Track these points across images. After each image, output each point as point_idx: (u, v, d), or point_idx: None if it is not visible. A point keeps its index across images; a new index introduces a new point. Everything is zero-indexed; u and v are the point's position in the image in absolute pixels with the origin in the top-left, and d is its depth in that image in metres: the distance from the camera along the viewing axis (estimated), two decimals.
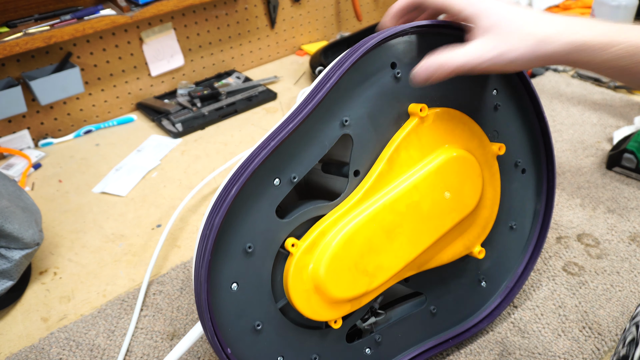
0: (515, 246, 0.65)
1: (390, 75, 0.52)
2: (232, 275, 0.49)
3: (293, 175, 0.50)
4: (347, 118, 0.51)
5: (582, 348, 0.63)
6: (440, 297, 0.61)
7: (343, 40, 1.38)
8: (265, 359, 0.52)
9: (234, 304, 0.49)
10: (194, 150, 1.07)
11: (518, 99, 0.60)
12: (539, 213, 0.65)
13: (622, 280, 0.71)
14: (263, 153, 0.47)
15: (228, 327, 0.49)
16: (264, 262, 0.50)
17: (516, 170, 0.63)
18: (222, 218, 0.46)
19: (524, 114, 0.61)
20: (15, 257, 0.71)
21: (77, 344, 0.67)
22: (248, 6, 1.32)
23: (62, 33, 1.00)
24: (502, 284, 0.66)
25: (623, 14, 1.16)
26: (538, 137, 0.63)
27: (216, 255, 0.48)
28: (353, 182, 0.52)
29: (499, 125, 0.60)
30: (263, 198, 0.49)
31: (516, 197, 0.63)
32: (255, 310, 0.51)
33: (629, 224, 0.81)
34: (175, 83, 1.27)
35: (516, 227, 0.64)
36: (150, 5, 1.08)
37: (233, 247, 0.49)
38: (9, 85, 1.00)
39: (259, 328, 0.51)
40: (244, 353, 0.50)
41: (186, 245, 0.83)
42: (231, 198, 0.46)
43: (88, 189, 0.97)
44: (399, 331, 0.60)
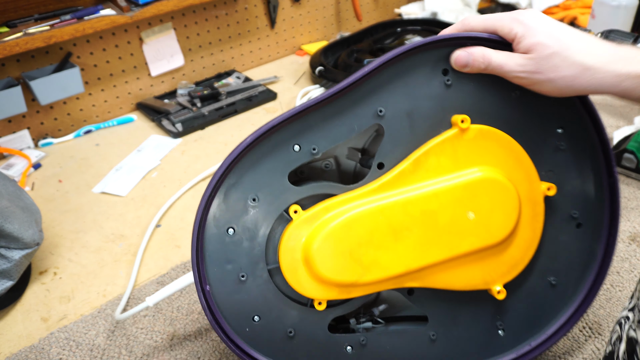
0: (551, 305, 0.58)
1: (441, 81, 0.51)
2: (231, 220, 0.50)
3: (313, 146, 0.51)
4: (382, 109, 0.51)
5: (582, 348, 0.63)
6: (444, 326, 0.56)
7: (343, 40, 1.38)
8: (241, 312, 0.52)
9: (226, 248, 0.51)
10: (194, 150, 1.07)
11: (587, 147, 0.54)
12: (589, 274, 0.57)
13: (622, 280, 0.71)
14: (287, 114, 0.49)
15: (215, 266, 0.50)
16: (265, 218, 0.51)
17: (570, 223, 0.56)
18: (232, 159, 0.48)
19: (590, 164, 0.55)
20: (15, 257, 0.71)
21: (77, 344, 0.67)
22: (248, 6, 1.32)
23: (62, 33, 1.00)
24: (524, 340, 0.58)
25: (623, 14, 1.16)
26: (605, 195, 0.56)
27: (220, 194, 0.50)
28: (374, 174, 0.52)
29: (556, 167, 0.54)
30: (279, 158, 0.50)
31: (564, 252, 0.56)
32: (244, 261, 0.51)
33: (629, 224, 0.81)
34: (175, 83, 1.27)
35: (556, 284, 0.57)
36: (150, 5, 1.08)
37: (239, 192, 0.50)
38: (9, 85, 1.00)
39: (243, 279, 0.51)
40: (222, 298, 0.51)
41: (186, 245, 0.83)
42: (246, 143, 0.48)
43: (88, 189, 0.97)
44: (388, 343, 0.56)
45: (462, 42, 0.50)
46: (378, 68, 0.49)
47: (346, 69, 1.22)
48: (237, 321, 0.52)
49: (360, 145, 0.57)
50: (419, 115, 0.51)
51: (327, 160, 0.57)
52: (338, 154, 0.57)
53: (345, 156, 0.57)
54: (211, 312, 0.50)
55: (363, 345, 0.55)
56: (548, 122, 0.53)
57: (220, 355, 0.64)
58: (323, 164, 0.57)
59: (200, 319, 0.69)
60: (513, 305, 0.57)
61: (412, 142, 0.52)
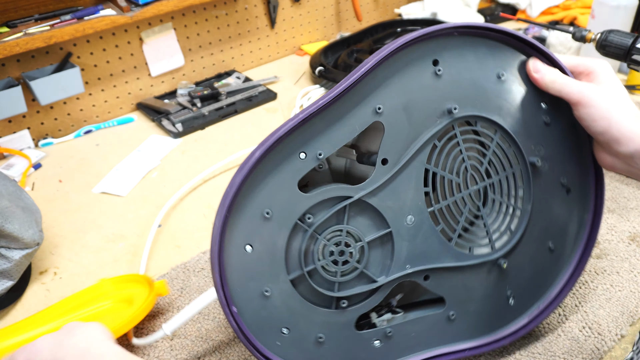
0: (552, 268, 0.62)
1: (431, 72, 0.53)
2: (247, 237, 0.51)
3: (319, 152, 0.51)
4: (380, 106, 0.52)
5: (582, 348, 0.63)
6: (461, 304, 0.59)
7: (343, 40, 1.38)
8: (270, 327, 0.52)
9: (246, 266, 0.51)
10: (194, 150, 1.07)
11: (569, 118, 0.57)
12: (582, 236, 0.62)
13: (622, 280, 0.72)
14: (291, 123, 0.49)
15: (237, 287, 0.50)
16: (280, 230, 0.51)
17: (561, 189, 0.60)
18: (243, 177, 0.48)
19: (574, 134, 0.59)
20: (15, 257, 0.71)
21: None
22: (248, 6, 1.32)
23: (62, 33, 1.00)
24: (532, 305, 0.62)
25: (623, 14, 1.16)
26: (588, 159, 0.60)
27: (234, 214, 0.50)
28: (380, 170, 0.53)
29: (544, 140, 0.58)
30: (287, 168, 0.51)
31: (558, 217, 0.60)
32: (266, 276, 0.51)
33: (629, 224, 0.81)
34: (175, 83, 1.27)
35: (554, 249, 0.61)
36: (150, 5, 1.08)
37: (252, 209, 0.50)
38: (9, 85, 1.00)
39: (267, 294, 0.52)
40: (249, 316, 0.51)
41: (186, 245, 0.83)
42: (255, 160, 0.48)
43: (88, 189, 0.97)
44: (413, 330, 0.58)
45: (449, 31, 0.53)
46: (372, 67, 0.50)
47: (346, 69, 1.22)
48: (267, 337, 0.52)
49: (349, 144, 0.58)
50: (414, 107, 0.53)
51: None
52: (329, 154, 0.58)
53: (336, 154, 0.58)
54: (243, 334, 0.51)
55: (390, 337, 0.57)
56: (533, 99, 0.57)
57: (220, 355, 0.64)
58: (317, 166, 0.57)
59: (201, 319, 0.69)
60: (519, 273, 0.60)
61: (410, 134, 0.54)
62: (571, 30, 0.88)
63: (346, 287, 0.55)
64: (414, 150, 0.54)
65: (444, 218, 0.57)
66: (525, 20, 0.99)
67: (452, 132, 0.56)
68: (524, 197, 0.59)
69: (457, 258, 0.57)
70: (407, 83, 0.53)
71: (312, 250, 0.53)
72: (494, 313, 0.60)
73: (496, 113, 0.56)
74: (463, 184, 0.57)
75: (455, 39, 0.53)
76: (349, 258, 0.54)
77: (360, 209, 0.54)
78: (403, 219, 0.55)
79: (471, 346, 0.60)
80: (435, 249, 0.56)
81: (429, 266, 0.56)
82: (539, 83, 0.56)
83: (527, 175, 0.58)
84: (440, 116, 0.54)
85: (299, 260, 0.53)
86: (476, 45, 0.54)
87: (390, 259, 0.55)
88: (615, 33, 0.83)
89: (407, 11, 1.60)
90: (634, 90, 1.15)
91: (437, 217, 0.56)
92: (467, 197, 0.57)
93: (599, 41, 0.84)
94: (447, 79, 0.54)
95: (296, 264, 0.53)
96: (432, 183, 0.56)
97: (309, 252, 0.53)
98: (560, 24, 1.38)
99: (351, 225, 0.54)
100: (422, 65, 0.53)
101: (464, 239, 0.58)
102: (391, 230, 0.54)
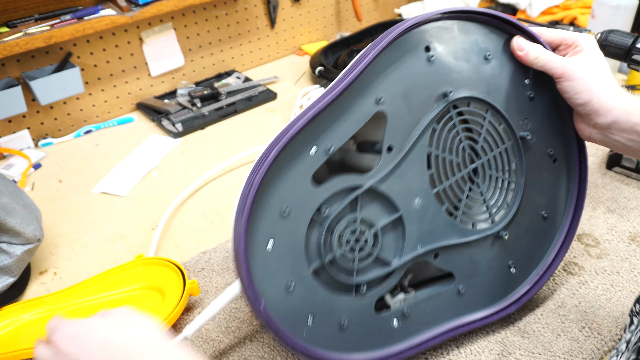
0: (546, 235, 0.66)
1: (424, 58, 0.56)
2: (268, 235, 0.52)
3: (329, 145, 0.54)
4: (381, 96, 0.55)
5: (582, 348, 0.63)
6: (468, 277, 0.63)
7: (343, 40, 1.38)
8: (295, 318, 0.54)
9: (269, 262, 0.53)
10: (194, 150, 1.07)
11: (551, 91, 0.61)
12: (571, 202, 0.66)
13: (622, 280, 0.72)
14: (301, 121, 0.51)
15: (262, 283, 0.52)
16: (298, 224, 0.54)
17: (548, 160, 0.64)
18: (261, 177, 0.50)
19: (556, 107, 0.63)
20: (16, 253, 0.71)
21: None
22: (248, 6, 1.32)
23: (62, 33, 1.00)
24: (532, 271, 0.67)
25: (623, 14, 1.16)
26: (570, 128, 0.64)
27: (254, 213, 0.51)
28: (386, 158, 0.56)
29: (530, 114, 0.62)
30: (300, 165, 0.53)
31: (548, 186, 0.65)
32: (288, 270, 0.54)
33: (629, 224, 0.81)
34: (175, 83, 1.27)
35: (547, 216, 0.66)
36: (150, 5, 1.08)
37: (270, 207, 0.52)
38: (9, 85, 1.00)
39: (291, 286, 0.54)
40: (275, 310, 0.53)
41: (186, 245, 0.83)
42: (271, 159, 0.50)
43: (88, 189, 0.97)
44: (427, 308, 0.61)
45: (436, 17, 0.56)
46: (371, 61, 0.53)
47: None
48: (295, 328, 0.54)
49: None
50: (412, 94, 0.56)
51: None
52: None
53: None
54: (272, 328, 0.52)
55: (407, 316, 0.60)
56: (517, 76, 0.60)
57: (220, 356, 0.64)
58: None
59: None
60: (518, 243, 0.65)
61: (411, 120, 0.57)
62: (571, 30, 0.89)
63: (364, 273, 0.57)
64: (416, 136, 0.57)
65: (447, 197, 0.60)
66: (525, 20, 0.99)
67: (448, 114, 0.59)
68: (517, 171, 0.63)
69: (462, 234, 0.61)
70: (404, 71, 0.55)
71: (329, 241, 0.55)
72: (498, 283, 0.65)
73: (485, 92, 0.59)
74: (462, 163, 0.61)
75: (443, 24, 0.57)
76: (364, 244, 0.56)
77: (371, 196, 0.57)
78: (411, 202, 0.58)
79: (481, 316, 0.64)
80: (442, 228, 0.60)
81: (438, 244, 0.59)
82: (523, 60, 0.59)
83: (519, 149, 0.62)
84: (437, 100, 0.57)
85: (318, 252, 0.55)
86: (462, 28, 0.58)
87: (402, 242, 0.58)
88: (615, 33, 0.83)
89: (407, 11, 1.60)
90: (634, 90, 1.15)
91: (441, 197, 0.60)
92: (466, 175, 0.61)
93: (599, 41, 0.84)
94: (439, 64, 0.57)
95: (315, 255, 0.55)
96: (434, 165, 0.59)
97: (326, 242, 0.55)
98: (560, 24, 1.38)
99: (364, 213, 0.56)
100: (415, 53, 0.56)
101: (467, 215, 0.62)
102: (401, 214, 0.57)
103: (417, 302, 0.61)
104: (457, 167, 0.60)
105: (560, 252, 0.67)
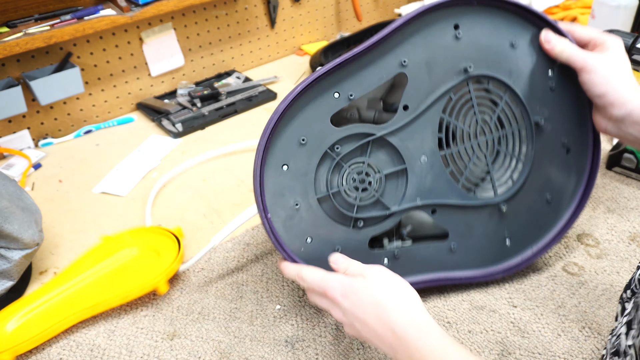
0: (547, 218, 0.70)
1: (452, 35, 0.62)
2: (285, 158, 0.61)
3: (350, 93, 0.61)
4: (406, 59, 0.61)
5: (582, 348, 0.63)
6: (462, 237, 0.67)
7: (343, 40, 1.38)
8: (296, 234, 0.62)
9: (282, 181, 0.61)
10: (194, 150, 1.07)
11: (574, 87, 0.64)
12: (577, 193, 0.69)
13: (622, 280, 0.71)
14: (328, 66, 0.59)
15: (273, 198, 0.61)
16: (312, 155, 0.61)
17: (561, 149, 0.67)
18: (285, 106, 0.58)
19: (577, 100, 0.66)
20: (15, 258, 0.71)
21: (77, 344, 0.67)
22: (248, 6, 1.32)
23: (62, 33, 1.00)
24: (526, 247, 0.70)
25: (623, 14, 1.16)
26: (588, 124, 0.67)
27: (276, 137, 0.60)
28: (401, 114, 0.62)
29: (549, 103, 0.65)
30: (323, 104, 0.61)
31: (557, 173, 0.68)
32: (297, 192, 0.62)
33: (629, 224, 0.81)
34: (175, 83, 1.27)
35: (551, 201, 0.69)
36: (150, 5, 1.08)
37: (291, 135, 0.60)
38: (9, 85, 1.00)
39: (297, 207, 0.62)
40: (281, 223, 0.62)
41: (186, 245, 0.83)
42: (296, 92, 0.58)
43: (88, 189, 0.97)
44: (417, 254, 0.67)
45: (469, 1, 0.61)
46: (401, 26, 0.59)
47: None
48: (294, 242, 0.62)
49: (378, 97, 0.68)
50: (435, 63, 0.62)
51: (350, 111, 0.68)
52: (359, 105, 0.68)
53: (366, 107, 0.68)
54: (274, 236, 0.61)
55: (397, 257, 0.66)
56: (541, 66, 0.64)
57: (220, 355, 0.64)
58: (348, 114, 0.67)
59: (201, 319, 0.69)
60: (518, 218, 0.68)
61: (430, 86, 0.62)
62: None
63: (363, 210, 0.64)
64: (432, 100, 0.62)
65: (453, 162, 0.66)
66: None
67: (466, 88, 0.64)
68: (527, 152, 0.67)
69: (462, 197, 0.66)
70: (430, 42, 0.61)
71: (337, 176, 0.63)
72: (490, 250, 0.69)
73: (507, 75, 0.64)
74: (473, 134, 0.65)
75: (474, 8, 0.62)
76: (367, 186, 0.63)
77: (381, 145, 0.63)
78: (417, 158, 0.64)
79: (467, 275, 0.69)
80: (443, 188, 0.65)
81: (437, 201, 0.65)
82: (549, 52, 0.63)
83: (531, 133, 0.66)
84: (457, 73, 0.63)
85: (326, 183, 0.63)
86: (493, 15, 0.62)
87: (403, 191, 0.64)
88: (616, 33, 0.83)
89: (407, 11, 1.60)
90: None
91: (447, 160, 0.65)
92: (475, 145, 0.66)
93: None
94: (465, 42, 0.62)
95: (323, 185, 0.63)
96: (445, 130, 0.64)
97: (334, 177, 0.63)
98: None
99: (372, 159, 0.63)
100: (444, 28, 0.61)
101: (470, 182, 0.67)
102: (406, 167, 0.63)
103: (408, 247, 0.66)
104: (468, 136, 0.65)
105: (558, 235, 0.70)
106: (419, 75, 0.62)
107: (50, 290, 0.71)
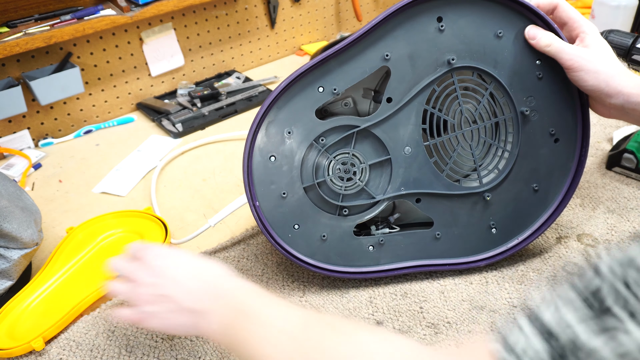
0: (534, 207, 0.70)
1: (435, 27, 0.62)
2: (272, 149, 0.64)
3: (334, 87, 0.63)
4: (388, 53, 0.62)
5: None
6: (447, 226, 0.69)
7: None
8: (284, 222, 0.66)
9: (270, 172, 0.65)
10: (194, 150, 1.07)
11: (562, 74, 0.64)
12: (565, 183, 0.69)
13: None
14: (312, 62, 0.62)
15: (261, 187, 0.65)
16: (298, 146, 0.65)
17: (549, 138, 0.67)
18: (272, 98, 0.62)
19: (565, 89, 0.66)
20: (14, 257, 0.71)
21: (77, 344, 0.67)
22: (248, 6, 1.32)
23: (62, 33, 1.00)
24: (512, 236, 0.71)
25: (623, 14, 1.16)
26: (577, 113, 0.67)
27: (262, 130, 0.63)
28: (385, 107, 0.64)
29: (536, 93, 0.65)
30: (307, 98, 0.63)
31: (544, 163, 0.68)
32: (285, 182, 0.65)
33: (629, 224, 0.81)
34: (175, 83, 1.27)
35: (539, 190, 0.69)
36: (150, 5, 1.08)
37: (277, 127, 0.64)
38: (9, 85, 1.00)
39: (284, 196, 0.65)
40: (269, 211, 0.66)
41: (185, 245, 0.83)
42: (282, 87, 0.62)
43: (88, 189, 0.97)
44: (402, 242, 0.69)
45: None
46: (384, 20, 0.60)
47: None
48: (282, 229, 0.66)
49: (373, 86, 0.69)
50: (418, 56, 0.63)
51: (345, 99, 0.69)
52: (354, 94, 0.69)
53: (361, 95, 0.69)
54: (262, 222, 0.65)
55: (382, 244, 0.69)
56: (528, 56, 0.64)
57: (220, 355, 0.64)
58: (342, 103, 0.69)
59: None
60: (503, 207, 0.69)
61: (414, 79, 0.64)
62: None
63: (349, 199, 0.67)
64: (415, 92, 0.64)
65: (437, 152, 0.67)
66: None
67: (450, 79, 0.64)
68: (513, 142, 0.67)
69: (446, 187, 0.68)
70: (413, 35, 0.62)
71: (323, 166, 0.66)
72: (475, 238, 0.70)
73: (492, 66, 0.64)
74: (457, 125, 0.67)
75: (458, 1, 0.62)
76: (352, 176, 0.66)
77: (365, 137, 0.66)
78: (402, 149, 0.66)
79: (451, 262, 0.70)
80: (427, 177, 0.67)
81: (421, 190, 0.67)
82: (535, 46, 0.63)
83: (517, 122, 0.66)
84: (441, 65, 0.63)
85: (312, 173, 0.66)
86: (478, 6, 0.62)
87: (388, 181, 0.67)
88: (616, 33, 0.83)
89: None
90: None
91: (431, 150, 0.67)
92: (460, 136, 0.67)
93: None
94: (448, 34, 0.62)
95: (309, 175, 0.66)
96: (429, 122, 0.66)
97: (320, 167, 0.66)
98: None
99: (357, 150, 0.66)
100: (427, 21, 0.62)
101: (454, 172, 0.68)
102: (390, 157, 0.66)
103: (393, 234, 0.69)
104: (452, 127, 0.66)
105: (544, 224, 0.70)
106: (402, 68, 0.63)
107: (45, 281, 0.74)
